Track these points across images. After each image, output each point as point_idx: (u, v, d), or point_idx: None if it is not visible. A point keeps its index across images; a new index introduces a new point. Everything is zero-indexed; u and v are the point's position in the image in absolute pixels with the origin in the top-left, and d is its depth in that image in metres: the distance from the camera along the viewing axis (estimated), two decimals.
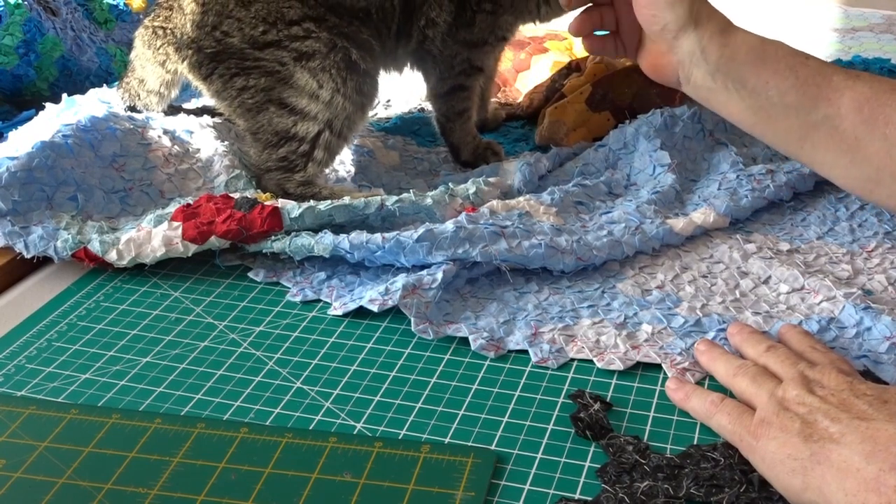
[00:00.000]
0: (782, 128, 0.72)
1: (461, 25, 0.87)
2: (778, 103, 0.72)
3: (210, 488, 0.51)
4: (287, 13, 0.81)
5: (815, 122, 0.70)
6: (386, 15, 0.85)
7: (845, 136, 0.69)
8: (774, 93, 0.71)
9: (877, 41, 1.32)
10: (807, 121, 0.71)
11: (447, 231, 0.70)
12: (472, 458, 0.53)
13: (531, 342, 0.64)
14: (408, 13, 0.86)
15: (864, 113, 0.68)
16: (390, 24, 0.86)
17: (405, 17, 0.86)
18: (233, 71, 0.82)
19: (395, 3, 0.85)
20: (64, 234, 0.74)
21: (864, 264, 0.72)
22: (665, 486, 0.50)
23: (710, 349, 0.61)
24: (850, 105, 0.69)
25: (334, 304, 0.70)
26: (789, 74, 0.71)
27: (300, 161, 0.83)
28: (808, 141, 0.71)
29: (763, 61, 0.73)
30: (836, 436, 0.47)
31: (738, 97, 0.73)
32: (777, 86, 0.71)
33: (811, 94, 0.70)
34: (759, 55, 0.73)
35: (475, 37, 0.88)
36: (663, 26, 0.75)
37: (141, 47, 0.88)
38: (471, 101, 0.93)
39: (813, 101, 0.70)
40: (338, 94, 0.81)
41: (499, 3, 0.87)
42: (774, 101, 0.72)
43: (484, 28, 0.88)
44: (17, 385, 0.62)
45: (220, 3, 0.81)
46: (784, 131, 0.73)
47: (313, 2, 0.81)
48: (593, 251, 0.71)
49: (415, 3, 0.86)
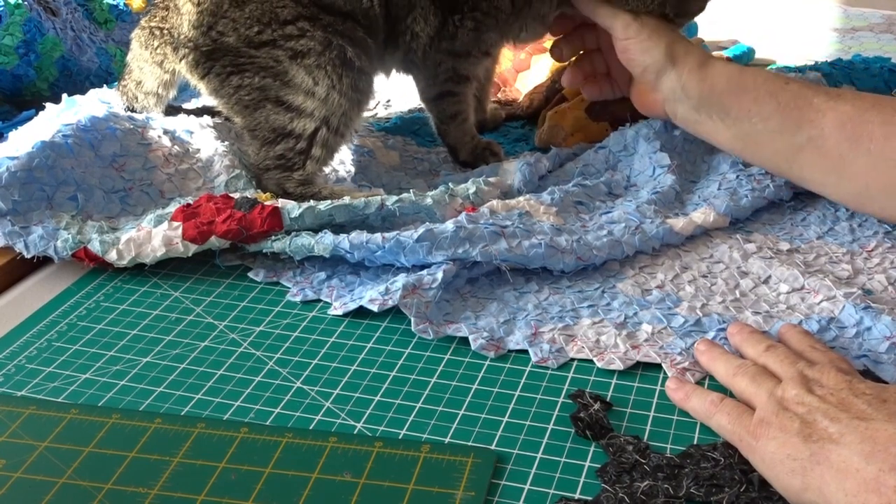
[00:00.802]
0: (769, 152, 0.75)
1: (444, 37, 0.87)
2: (762, 129, 0.74)
3: (210, 488, 0.51)
4: (281, 13, 0.81)
5: (799, 144, 0.73)
6: (371, 22, 0.85)
7: (830, 156, 0.71)
8: (757, 119, 0.74)
9: (876, 41, 1.32)
10: (791, 143, 0.73)
11: (447, 231, 0.70)
12: (473, 458, 0.53)
13: (531, 342, 0.64)
14: (391, 24, 0.86)
15: (847, 131, 0.70)
16: (377, 30, 0.86)
17: (389, 27, 0.86)
18: (229, 69, 0.83)
19: (377, 13, 0.84)
20: (64, 234, 0.74)
21: (864, 264, 0.72)
22: (665, 486, 0.50)
23: (709, 349, 0.61)
24: (833, 125, 0.71)
25: (334, 303, 0.70)
26: (770, 100, 0.74)
27: (298, 159, 0.83)
28: (795, 163, 0.74)
29: (742, 90, 0.76)
30: (836, 436, 0.47)
31: (724, 126, 0.77)
32: (759, 112, 0.74)
33: (793, 118, 0.73)
34: (738, 84, 0.76)
35: (458, 48, 0.88)
36: (643, 69, 0.80)
37: (138, 48, 0.88)
38: (463, 105, 0.92)
39: (796, 124, 0.73)
40: (334, 91, 0.81)
41: (482, 21, 0.86)
42: (758, 127, 0.74)
43: (466, 41, 0.87)
44: (17, 385, 0.62)
45: (214, 3, 0.81)
46: (771, 155, 0.75)
47: (307, 1, 0.81)
48: (593, 251, 0.71)
49: (398, 15, 0.85)
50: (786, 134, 0.73)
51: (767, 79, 0.76)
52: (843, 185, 0.73)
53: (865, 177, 0.71)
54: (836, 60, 0.99)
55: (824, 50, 1.29)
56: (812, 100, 0.73)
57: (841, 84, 0.95)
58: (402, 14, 0.85)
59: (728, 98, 0.76)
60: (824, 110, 0.72)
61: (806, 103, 0.73)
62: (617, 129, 0.90)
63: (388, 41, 0.87)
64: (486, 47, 0.90)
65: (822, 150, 0.72)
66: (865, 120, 0.70)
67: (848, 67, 0.97)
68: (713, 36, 1.27)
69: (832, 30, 1.40)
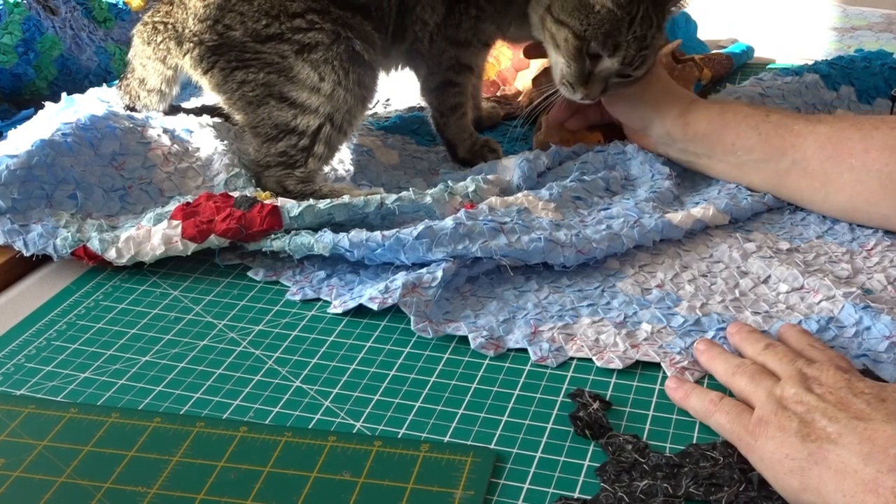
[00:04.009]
0: (758, 179, 0.81)
1: (449, 25, 0.88)
2: (747, 160, 0.80)
3: (209, 487, 0.51)
4: (290, 6, 0.81)
5: (785, 169, 0.78)
6: (383, 14, 0.85)
7: (815, 175, 0.76)
8: (742, 152, 0.80)
9: (876, 40, 1.32)
10: (777, 169, 0.79)
11: (447, 228, 0.70)
12: (472, 457, 0.53)
13: (531, 341, 0.64)
14: (402, 14, 0.86)
15: (828, 150, 0.75)
16: (387, 23, 0.86)
17: (400, 18, 0.86)
18: (233, 64, 0.83)
19: (391, 4, 0.85)
20: (63, 233, 0.74)
21: (863, 263, 0.72)
22: (664, 485, 0.50)
23: (709, 348, 0.61)
24: (814, 146, 0.76)
25: (334, 302, 0.70)
26: (752, 133, 0.79)
27: (300, 156, 0.83)
28: (783, 186, 0.79)
29: (724, 128, 0.81)
30: (834, 436, 0.47)
31: (712, 162, 0.83)
32: (743, 146, 0.80)
33: (776, 146, 0.78)
34: (720, 124, 0.82)
35: (461, 36, 0.89)
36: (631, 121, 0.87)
37: (140, 45, 0.88)
38: (463, 97, 0.93)
39: (779, 152, 0.78)
40: (339, 87, 0.82)
41: (483, 10, 0.88)
42: (744, 159, 0.80)
43: (468, 30, 0.89)
44: (16, 384, 0.62)
45: None
46: (761, 181, 0.80)
47: None
48: (593, 244, 0.71)
49: (409, 5, 0.86)
50: (771, 162, 0.78)
51: (748, 114, 0.80)
52: (830, 201, 0.77)
53: (850, 190, 0.75)
54: (836, 58, 0.99)
55: (823, 49, 1.29)
56: (792, 127, 0.77)
57: (840, 84, 0.96)
58: (413, 4, 0.86)
59: (711, 139, 0.82)
60: (805, 134, 0.76)
61: (787, 130, 0.77)
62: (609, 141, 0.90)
63: (395, 33, 0.87)
64: (485, 38, 0.91)
65: (807, 170, 0.76)
66: (845, 137, 0.74)
67: (848, 66, 0.97)
68: (713, 35, 1.27)
69: (831, 29, 1.40)
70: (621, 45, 0.79)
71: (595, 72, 0.81)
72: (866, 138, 0.73)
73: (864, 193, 0.74)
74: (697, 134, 0.82)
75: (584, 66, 0.80)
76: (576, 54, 0.80)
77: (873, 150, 0.72)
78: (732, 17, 1.45)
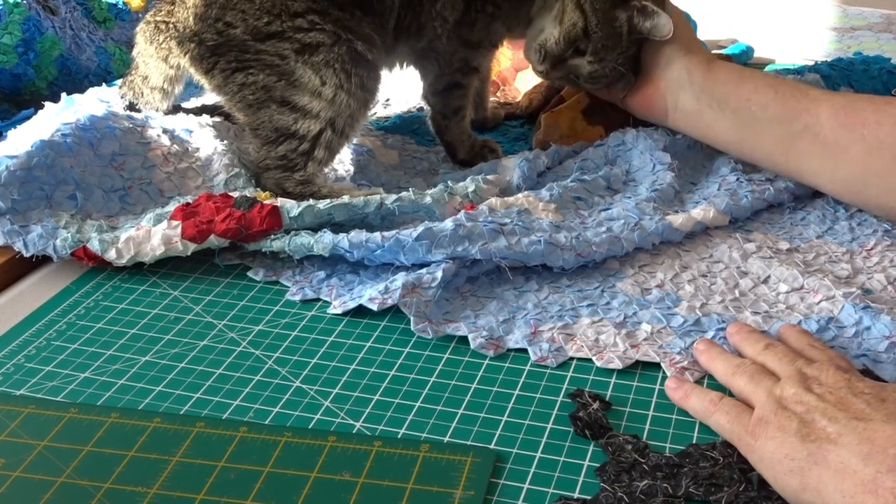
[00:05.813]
0: (767, 141, 0.79)
1: (463, 24, 0.88)
2: (761, 117, 0.79)
3: (209, 487, 0.51)
4: (292, 5, 0.81)
5: (797, 132, 0.77)
6: (385, 9, 0.85)
7: (827, 143, 0.75)
8: (756, 108, 0.79)
9: (875, 40, 1.32)
10: (789, 131, 0.77)
11: (446, 229, 0.70)
12: (472, 457, 0.53)
13: (530, 341, 0.64)
14: (407, 9, 0.86)
15: (842, 118, 0.75)
16: (389, 18, 0.86)
17: (405, 13, 0.86)
18: (234, 65, 0.82)
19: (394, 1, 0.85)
20: (63, 233, 0.74)
21: (863, 263, 0.72)
22: (664, 485, 0.50)
23: (709, 348, 0.61)
24: (828, 113, 0.75)
25: (334, 302, 0.70)
26: (769, 90, 0.79)
27: (300, 160, 0.83)
28: (792, 152, 0.78)
29: (743, 80, 0.81)
30: (834, 436, 0.47)
31: (723, 116, 0.81)
32: (758, 101, 0.79)
33: (791, 106, 0.77)
34: (739, 76, 0.82)
35: (474, 37, 0.89)
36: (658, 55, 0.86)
37: (143, 43, 0.88)
38: (466, 100, 0.93)
39: (794, 113, 0.77)
40: (341, 91, 0.81)
41: (499, 7, 0.88)
42: (757, 115, 0.79)
43: (481, 30, 0.89)
44: (16, 384, 0.62)
45: None
46: (769, 144, 0.79)
47: None
48: (592, 247, 0.71)
49: (425, 1, 0.86)
50: (783, 122, 0.77)
51: (766, 74, 0.82)
52: (839, 172, 0.76)
53: (861, 162, 0.74)
54: (835, 60, 0.99)
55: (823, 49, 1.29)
56: (808, 91, 0.77)
57: (839, 86, 0.96)
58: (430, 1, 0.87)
59: (729, 87, 0.81)
60: (820, 100, 0.76)
61: (802, 94, 0.77)
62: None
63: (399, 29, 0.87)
64: (495, 39, 0.92)
65: (819, 137, 0.75)
66: (859, 108, 0.74)
67: (847, 68, 0.97)
68: (712, 35, 1.27)
69: (831, 29, 1.40)
70: (604, 61, 0.84)
71: (569, 62, 0.86)
72: (879, 111, 0.73)
73: (875, 166, 0.73)
74: (718, 79, 0.82)
75: (567, 52, 0.85)
76: (570, 40, 0.84)
77: (887, 124, 0.72)
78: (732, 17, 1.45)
